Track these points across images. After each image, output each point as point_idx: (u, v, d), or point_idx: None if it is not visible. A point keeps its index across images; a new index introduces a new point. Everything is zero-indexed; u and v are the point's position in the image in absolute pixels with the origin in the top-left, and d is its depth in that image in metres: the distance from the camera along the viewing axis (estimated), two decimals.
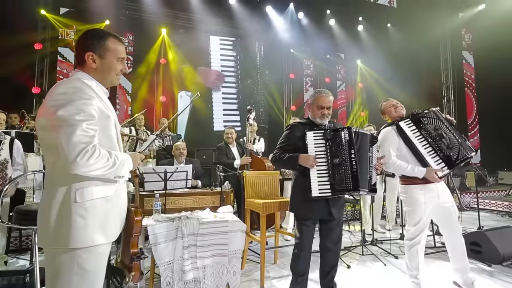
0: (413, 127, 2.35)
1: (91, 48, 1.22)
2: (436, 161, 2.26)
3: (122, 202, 1.26)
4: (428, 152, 2.28)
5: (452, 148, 2.24)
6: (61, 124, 1.04)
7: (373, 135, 2.27)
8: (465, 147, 2.26)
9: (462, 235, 3.26)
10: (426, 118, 2.35)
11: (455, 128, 2.37)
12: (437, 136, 2.28)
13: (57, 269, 1.08)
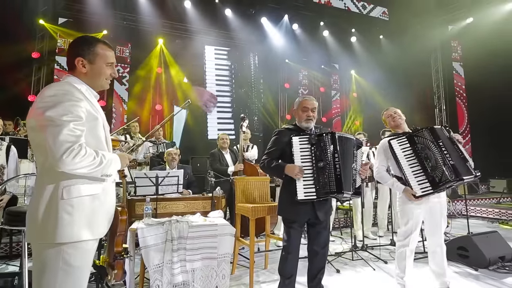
0: (407, 145, 2.37)
1: (81, 54, 1.29)
2: (420, 180, 2.29)
3: (110, 201, 1.31)
4: (414, 171, 2.31)
5: (436, 169, 2.25)
6: (49, 124, 1.10)
7: (358, 140, 2.34)
8: (452, 169, 2.21)
9: (450, 240, 3.33)
10: (418, 138, 2.36)
11: (455, 148, 2.32)
12: (424, 156, 2.30)
13: (43, 264, 1.12)
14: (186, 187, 3.68)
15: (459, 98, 9.93)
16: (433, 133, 2.34)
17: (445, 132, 2.39)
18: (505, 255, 3.13)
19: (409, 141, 2.37)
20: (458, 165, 2.24)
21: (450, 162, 2.24)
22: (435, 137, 2.32)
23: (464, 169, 2.26)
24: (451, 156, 2.26)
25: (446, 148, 2.28)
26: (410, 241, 2.38)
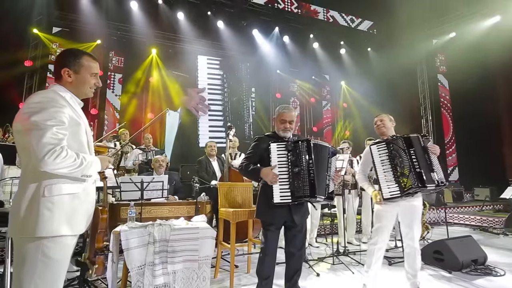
0: (385, 151, 2.51)
1: (67, 65, 1.41)
2: (390, 185, 2.44)
3: (90, 200, 1.41)
4: (386, 175, 2.46)
5: (403, 176, 2.39)
6: (34, 128, 1.21)
7: (334, 148, 2.47)
8: (417, 177, 2.34)
9: (427, 244, 3.46)
10: (393, 145, 2.50)
11: (425, 157, 2.43)
12: (396, 162, 2.44)
13: (23, 257, 1.21)
14: (173, 193, 3.77)
15: (444, 108, 10.25)
16: (407, 142, 2.47)
17: (420, 141, 2.51)
18: (478, 259, 3.27)
19: (387, 147, 2.51)
20: (425, 173, 2.38)
21: (417, 170, 2.37)
22: (408, 145, 2.45)
23: (430, 178, 2.39)
24: (419, 164, 2.39)
25: (416, 156, 2.41)
26: (379, 240, 2.52)
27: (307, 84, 12.03)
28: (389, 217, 2.52)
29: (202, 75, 9.96)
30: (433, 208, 6.60)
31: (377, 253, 2.52)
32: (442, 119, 10.19)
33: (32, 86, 8.40)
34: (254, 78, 10.77)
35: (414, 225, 2.51)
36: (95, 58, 1.52)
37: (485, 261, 3.32)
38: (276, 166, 2.22)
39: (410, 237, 2.53)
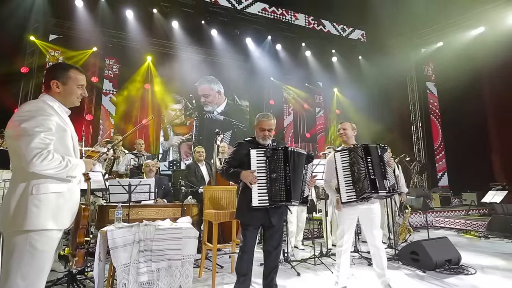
0: (347, 157, 2.70)
1: (56, 77, 1.58)
2: (348, 190, 2.63)
3: (74, 199, 1.56)
4: (345, 181, 2.65)
5: (359, 181, 2.60)
6: (23, 134, 1.37)
7: (310, 154, 2.63)
8: (370, 183, 2.53)
9: (405, 245, 3.62)
10: (353, 152, 2.69)
11: (381, 165, 2.63)
12: (354, 169, 2.63)
13: (12, 249, 1.35)
14: (162, 196, 3.90)
15: (433, 115, 10.50)
16: (366, 150, 2.65)
17: (378, 150, 2.69)
18: (452, 259, 3.43)
19: (348, 155, 2.69)
20: (378, 180, 2.56)
21: (371, 176, 2.56)
22: (366, 154, 2.64)
23: (382, 184, 2.57)
24: (374, 171, 2.58)
25: (372, 164, 2.59)
26: (343, 241, 2.71)
27: (300, 91, 12.28)
28: (349, 220, 2.71)
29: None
30: (419, 212, 6.77)
31: (343, 254, 2.71)
32: (432, 126, 10.44)
33: (28, 92, 8.53)
34: (247, 85, 10.98)
35: (373, 227, 2.68)
36: (82, 71, 1.69)
37: (459, 261, 3.48)
38: (255, 171, 2.37)
39: (370, 237, 2.70)
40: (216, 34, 9.40)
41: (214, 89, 10.41)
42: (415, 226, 6.54)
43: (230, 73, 10.39)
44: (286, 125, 12.65)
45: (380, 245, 2.70)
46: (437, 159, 10.23)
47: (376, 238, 2.70)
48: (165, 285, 2.55)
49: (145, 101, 9.87)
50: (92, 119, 9.30)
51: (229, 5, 9.15)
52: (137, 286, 2.46)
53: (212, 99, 10.32)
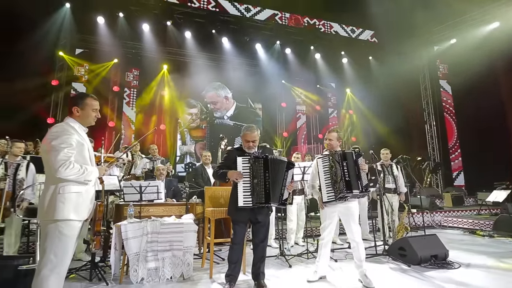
0: (327, 162, 3.05)
1: (76, 104, 2.07)
2: (328, 191, 2.98)
3: (90, 197, 2.04)
4: (326, 183, 3.00)
5: (336, 183, 2.95)
6: (52, 149, 1.86)
7: (291, 162, 2.97)
8: (345, 184, 2.89)
9: (394, 242, 3.88)
10: (332, 158, 3.03)
11: (355, 169, 2.97)
12: (333, 172, 2.98)
13: (46, 233, 1.84)
14: (172, 197, 4.40)
15: (447, 113, 10.38)
16: (343, 156, 3.01)
17: (353, 156, 3.04)
18: (438, 254, 3.64)
19: (328, 160, 3.03)
20: (352, 182, 2.91)
21: (346, 178, 2.91)
22: (343, 158, 2.99)
23: (356, 185, 2.91)
24: (349, 174, 2.93)
25: (348, 168, 2.94)
26: (324, 235, 3.05)
27: (312, 93, 12.54)
28: (330, 217, 3.05)
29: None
30: (427, 212, 6.86)
31: (324, 247, 3.06)
32: (446, 124, 10.32)
33: (58, 103, 9.47)
34: (259, 88, 11.41)
35: (352, 223, 3.00)
36: (96, 98, 2.17)
37: (446, 256, 3.69)
38: (241, 173, 2.76)
39: (350, 232, 3.02)
40: (226, 42, 9.90)
41: (221, 95, 10.94)
42: (422, 226, 6.64)
43: (242, 78, 10.84)
44: (299, 127, 12.94)
45: (359, 240, 3.01)
46: (452, 158, 10.11)
47: (355, 233, 3.01)
48: (169, 272, 3.01)
49: (162, 107, 10.57)
50: (115, 125, 10.11)
51: (239, 14, 9.61)
52: (146, 271, 2.94)
53: (220, 105, 10.85)
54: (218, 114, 10.80)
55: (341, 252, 4.26)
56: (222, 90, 11.01)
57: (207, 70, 10.59)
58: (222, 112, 10.89)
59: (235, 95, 11.20)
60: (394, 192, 5.20)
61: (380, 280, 3.05)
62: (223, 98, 10.96)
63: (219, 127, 10.70)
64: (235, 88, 11.13)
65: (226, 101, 10.98)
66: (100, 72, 9.63)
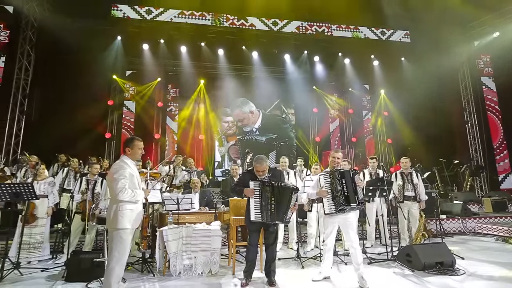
0: (328, 179, 3.62)
1: (127, 146, 2.97)
2: (329, 203, 3.53)
3: (139, 212, 2.92)
4: (327, 197, 3.56)
5: (336, 197, 3.49)
6: (114, 180, 2.76)
7: (295, 188, 3.57)
8: (345, 198, 3.42)
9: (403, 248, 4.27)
10: (332, 175, 3.58)
11: (352, 185, 3.49)
12: (333, 188, 3.53)
13: (111, 238, 2.75)
14: (205, 205, 5.25)
15: (491, 112, 9.91)
16: (341, 174, 3.55)
17: (350, 174, 3.56)
18: (444, 261, 3.94)
19: (329, 177, 3.59)
20: (350, 196, 3.44)
21: (345, 193, 3.43)
22: (341, 176, 3.53)
23: (353, 199, 3.44)
24: (348, 190, 3.45)
25: (346, 184, 3.48)
26: (327, 242, 3.59)
27: (344, 96, 12.79)
28: (331, 227, 3.59)
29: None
30: (458, 218, 6.86)
31: (327, 252, 3.62)
32: (489, 123, 9.86)
33: (113, 120, 11.11)
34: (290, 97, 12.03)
35: (350, 232, 3.51)
36: (141, 140, 3.05)
37: (452, 264, 3.97)
38: (254, 190, 3.46)
39: (348, 240, 3.54)
40: (256, 55, 10.69)
41: (245, 111, 11.76)
42: (451, 232, 6.68)
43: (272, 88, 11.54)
44: (332, 131, 13.23)
45: (357, 246, 3.52)
46: (498, 159, 9.63)
47: (354, 241, 3.53)
48: (200, 268, 3.84)
49: (200, 118, 11.75)
50: (159, 137, 11.51)
51: (267, 28, 10.31)
52: (182, 267, 3.80)
53: (247, 121, 11.69)
54: (248, 129, 11.64)
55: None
56: (245, 106, 11.85)
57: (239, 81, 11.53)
58: (251, 126, 11.72)
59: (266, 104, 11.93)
60: (413, 200, 5.42)
61: (379, 282, 3.53)
62: (249, 114, 11.77)
63: (249, 143, 11.55)
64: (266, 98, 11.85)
65: (251, 115, 11.77)
66: (146, 92, 11.08)
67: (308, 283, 3.60)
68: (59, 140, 8.20)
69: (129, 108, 11.46)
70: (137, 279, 3.71)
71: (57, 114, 8.79)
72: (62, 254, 4.75)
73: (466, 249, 5.29)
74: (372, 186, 4.79)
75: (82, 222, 4.56)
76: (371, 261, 4.41)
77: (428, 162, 9.99)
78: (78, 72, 9.28)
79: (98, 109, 10.60)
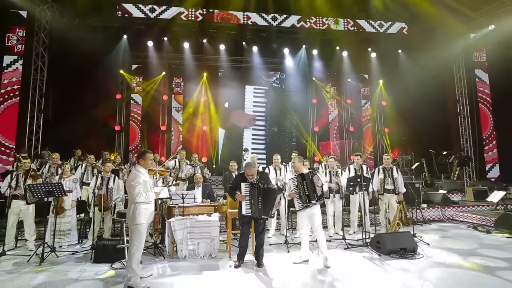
0: (295, 182, 4.46)
1: (140, 158, 3.75)
2: (298, 202, 4.38)
3: (151, 210, 3.74)
4: (296, 197, 4.40)
5: (300, 198, 4.34)
6: (132, 186, 3.55)
7: (280, 188, 4.36)
8: (307, 197, 4.30)
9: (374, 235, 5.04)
10: (296, 178, 4.42)
11: (312, 185, 4.31)
12: (298, 189, 4.36)
13: (132, 231, 3.58)
14: (207, 198, 6.08)
15: (482, 104, 10.37)
16: (302, 176, 4.38)
17: (310, 176, 4.36)
18: (407, 247, 4.73)
19: (296, 180, 4.40)
20: (310, 195, 4.27)
21: (306, 193, 4.25)
22: (302, 178, 4.36)
23: (313, 197, 4.27)
24: (308, 189, 4.29)
25: (307, 185, 4.31)
26: (303, 231, 4.46)
27: (343, 86, 13.29)
28: (302, 220, 4.44)
29: (247, 91, 12.45)
30: (438, 207, 7.59)
31: (303, 239, 4.46)
32: (480, 114, 10.34)
33: (121, 113, 11.92)
34: (290, 88, 12.60)
35: (315, 223, 4.34)
36: (151, 152, 3.82)
37: (414, 249, 4.76)
38: (244, 196, 4.25)
39: (315, 231, 4.38)
40: (256, 50, 11.21)
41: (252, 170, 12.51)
42: (431, 220, 7.44)
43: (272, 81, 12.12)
44: (331, 120, 13.84)
45: (321, 236, 4.34)
46: (486, 149, 10.20)
47: (317, 229, 4.34)
48: (202, 252, 4.71)
49: (206, 111, 12.48)
50: (166, 129, 12.32)
51: (266, 23, 10.76)
52: (187, 251, 4.67)
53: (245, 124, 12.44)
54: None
55: (336, 242, 5.53)
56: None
57: (241, 74, 12.15)
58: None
59: (266, 96, 12.55)
60: (393, 192, 6.15)
61: (347, 264, 4.37)
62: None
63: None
64: (265, 90, 12.45)
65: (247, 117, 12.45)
66: (152, 86, 11.79)
67: (290, 265, 4.44)
68: (74, 135, 9.06)
69: (136, 101, 12.24)
70: (151, 261, 4.61)
71: (71, 111, 9.61)
72: (86, 239, 5.70)
73: (437, 235, 6.08)
74: (352, 182, 5.55)
75: (100, 212, 5.47)
76: (348, 246, 5.23)
77: (422, 152, 10.64)
78: (88, 69, 10.00)
79: (108, 104, 11.42)
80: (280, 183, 6.02)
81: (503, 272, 3.97)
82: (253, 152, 10.91)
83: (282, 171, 6.35)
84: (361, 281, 3.78)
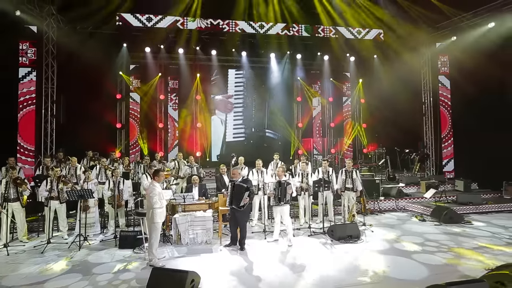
0: (273, 186, 6.14)
1: (155, 175, 5.33)
2: (273, 200, 6.14)
3: (164, 211, 5.36)
4: (273, 198, 6.08)
5: (275, 198, 6.05)
6: (150, 196, 5.15)
7: (248, 187, 5.99)
8: (279, 198, 6.03)
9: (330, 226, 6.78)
10: (275, 184, 6.10)
11: (286, 189, 6.03)
12: (277, 191, 6.03)
13: (150, 227, 5.21)
14: (202, 195, 7.71)
15: (443, 107, 12.02)
16: (280, 183, 6.06)
17: (284, 184, 6.05)
18: (353, 235, 6.49)
19: (275, 185, 6.05)
20: (281, 198, 5.95)
21: (279, 196, 5.93)
22: (279, 185, 6.04)
23: (283, 200, 6.01)
24: (281, 194, 5.98)
25: (281, 191, 5.98)
26: (276, 220, 6.26)
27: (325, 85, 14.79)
28: (276, 212, 6.18)
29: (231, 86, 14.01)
30: (393, 199, 9.39)
31: (275, 225, 6.23)
32: (441, 116, 12.01)
33: (121, 111, 13.30)
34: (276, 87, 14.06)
35: (284, 216, 6.09)
36: (163, 170, 5.40)
37: (358, 236, 6.53)
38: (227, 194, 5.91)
39: (284, 221, 6.11)
40: (244, 54, 12.54)
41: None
42: (386, 210, 9.24)
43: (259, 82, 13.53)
44: (314, 116, 15.45)
45: (289, 225, 6.10)
46: (444, 146, 11.95)
47: (287, 222, 6.09)
48: (200, 240, 6.41)
49: (199, 108, 13.94)
50: (163, 126, 13.78)
51: (254, 31, 12.01)
52: (189, 239, 6.36)
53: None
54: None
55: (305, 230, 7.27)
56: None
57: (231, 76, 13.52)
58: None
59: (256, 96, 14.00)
60: (351, 190, 7.85)
61: (306, 246, 6.12)
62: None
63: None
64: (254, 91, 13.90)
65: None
66: (150, 87, 13.14)
67: (264, 245, 6.20)
68: (82, 137, 10.45)
69: (134, 100, 13.60)
70: (161, 246, 6.27)
71: (78, 114, 10.97)
72: (106, 229, 7.34)
73: (382, 223, 7.88)
74: (317, 184, 7.24)
75: (112, 208, 7.11)
76: (311, 233, 6.97)
77: (389, 149, 12.37)
78: (91, 75, 11.25)
79: (110, 104, 12.78)
80: (260, 183, 7.66)
81: (417, 255, 5.70)
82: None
83: (263, 173, 7.98)
84: (312, 256, 5.57)
